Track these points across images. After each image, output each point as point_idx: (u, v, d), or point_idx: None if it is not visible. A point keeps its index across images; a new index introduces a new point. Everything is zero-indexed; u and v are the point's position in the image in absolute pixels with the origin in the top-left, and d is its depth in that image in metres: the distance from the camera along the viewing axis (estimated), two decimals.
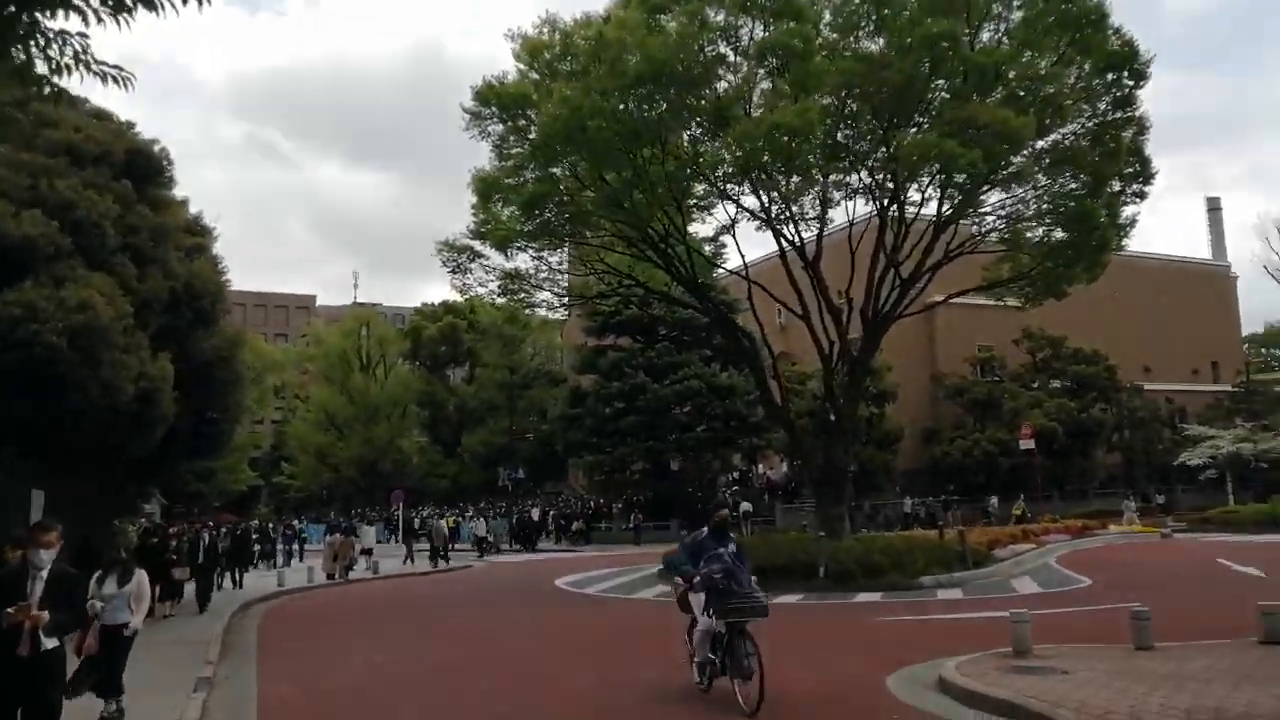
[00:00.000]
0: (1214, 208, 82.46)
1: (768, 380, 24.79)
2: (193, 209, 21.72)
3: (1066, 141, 20.96)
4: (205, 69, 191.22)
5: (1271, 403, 57.68)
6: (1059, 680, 8.77)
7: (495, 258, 24.40)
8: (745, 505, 41.89)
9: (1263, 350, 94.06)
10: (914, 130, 19.73)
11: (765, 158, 19.25)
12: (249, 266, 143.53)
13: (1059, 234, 22.17)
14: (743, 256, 24.06)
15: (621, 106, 19.44)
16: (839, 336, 23.80)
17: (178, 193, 20.61)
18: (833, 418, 24.83)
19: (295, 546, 37.89)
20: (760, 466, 58.25)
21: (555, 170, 21.23)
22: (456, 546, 43.52)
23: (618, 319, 43.41)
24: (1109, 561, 24.01)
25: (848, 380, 24.04)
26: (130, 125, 18.32)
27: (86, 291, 13.72)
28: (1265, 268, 57.65)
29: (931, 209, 22.83)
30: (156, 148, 18.28)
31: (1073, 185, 21.58)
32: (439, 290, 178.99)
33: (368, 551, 29.71)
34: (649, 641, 13.39)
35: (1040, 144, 20.60)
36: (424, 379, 76.79)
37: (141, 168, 17.69)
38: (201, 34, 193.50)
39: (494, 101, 21.18)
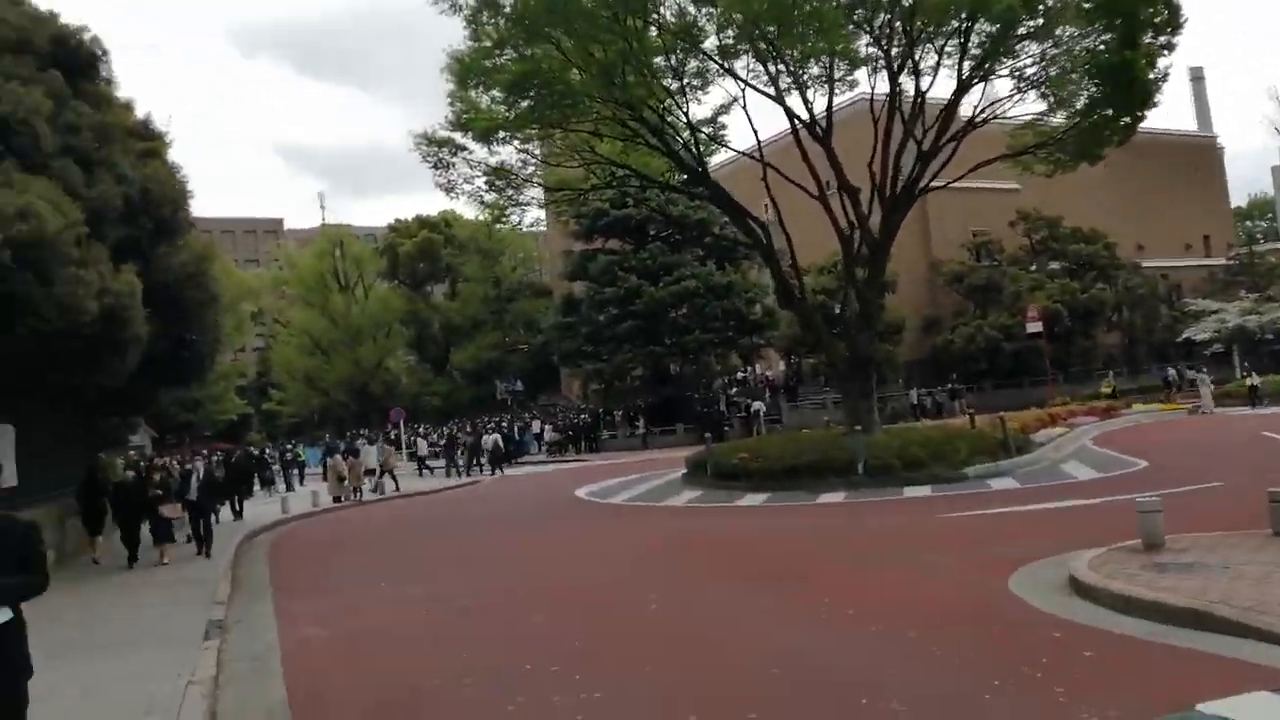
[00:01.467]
0: (1197, 77, 79.96)
1: (782, 270, 23.08)
2: (139, 112, 19.42)
3: None
4: None
5: (1268, 274, 56.68)
6: (1222, 577, 7.43)
7: (478, 151, 22.47)
8: (757, 404, 40.75)
9: (1247, 223, 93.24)
10: None
11: (773, 17, 17.13)
12: (207, 189, 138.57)
13: (1092, 90, 20.29)
14: (755, 132, 22.07)
15: None
16: (857, 218, 22.11)
17: (121, 94, 18.37)
18: (854, 305, 23.34)
19: (295, 471, 36.37)
20: (758, 367, 57.11)
21: (537, 50, 19.10)
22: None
23: (606, 219, 41.47)
24: (1150, 442, 22.92)
25: (869, 264, 22.42)
26: (52, 14, 15.97)
27: (24, 198, 11.80)
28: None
29: (945, 78, 21.05)
30: (87, 36, 15.95)
31: (1104, 36, 19.69)
32: (409, 208, 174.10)
33: (371, 472, 28.36)
34: (714, 552, 12.02)
35: None
36: (405, 297, 74.78)
37: (72, 59, 15.42)
38: None
39: None
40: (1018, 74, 19.43)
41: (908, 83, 20.68)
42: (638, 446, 39.19)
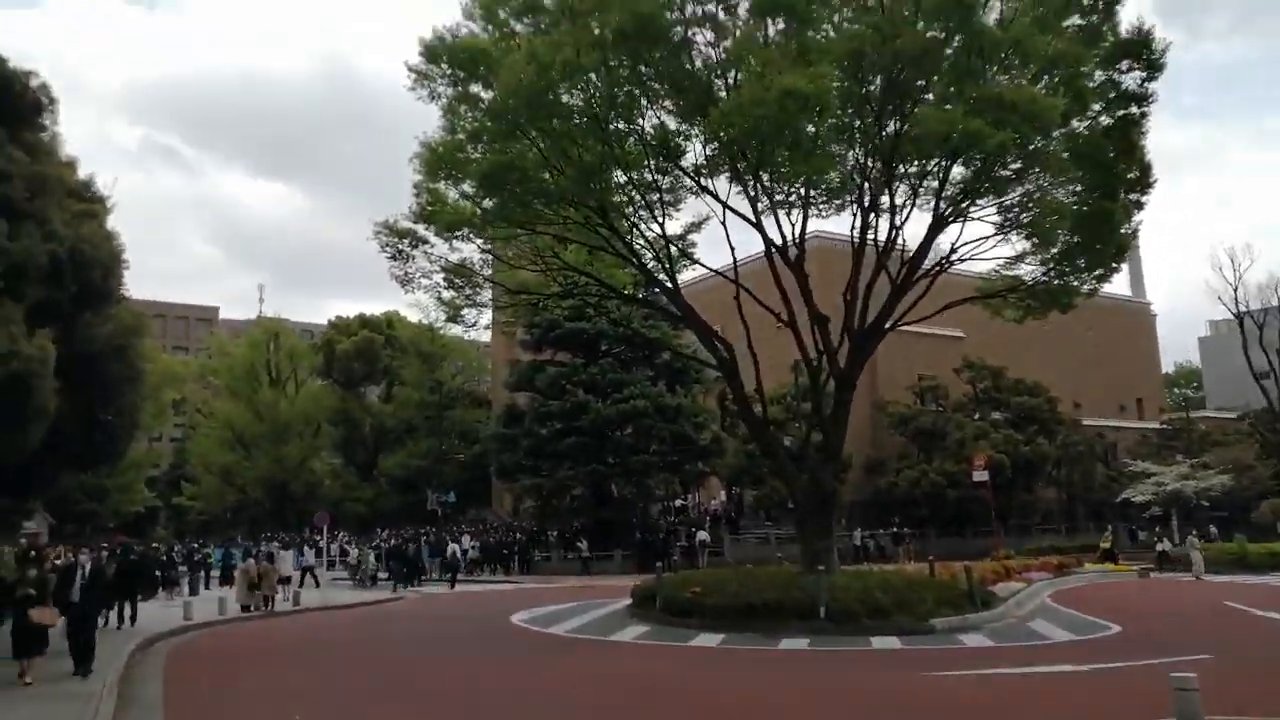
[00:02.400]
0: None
1: (745, 395, 22.24)
2: (82, 173, 18.11)
3: (1084, 133, 19.02)
4: (98, 70, 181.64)
5: (1200, 440, 57.85)
6: None
7: (439, 246, 21.56)
8: (702, 534, 39.31)
9: (1175, 389, 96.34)
10: (917, 110, 17.50)
11: (763, 133, 16.67)
12: (145, 277, 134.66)
13: (1068, 238, 20.22)
14: (733, 250, 21.42)
15: (597, 70, 16.87)
16: (825, 348, 21.50)
17: (66, 152, 17.12)
18: (814, 439, 22.53)
19: (202, 573, 33.43)
20: (698, 495, 55.80)
21: (513, 147, 18.47)
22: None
23: (557, 332, 40.62)
24: (1112, 603, 22.09)
25: (835, 397, 21.69)
26: None
27: None
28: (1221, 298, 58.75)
29: (920, 213, 20.92)
30: (34, 82, 14.77)
31: (1078, 187, 19.77)
32: (349, 308, 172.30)
33: (286, 580, 26.08)
34: (685, 712, 10.56)
35: (1055, 135, 18.58)
36: (338, 396, 72.48)
37: (11, 104, 14.26)
38: (94, 30, 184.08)
39: (445, 59, 18.39)
40: (1005, 211, 19.17)
41: (882, 217, 20.43)
42: (575, 571, 37.29)
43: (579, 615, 20.96)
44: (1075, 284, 20.68)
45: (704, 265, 22.52)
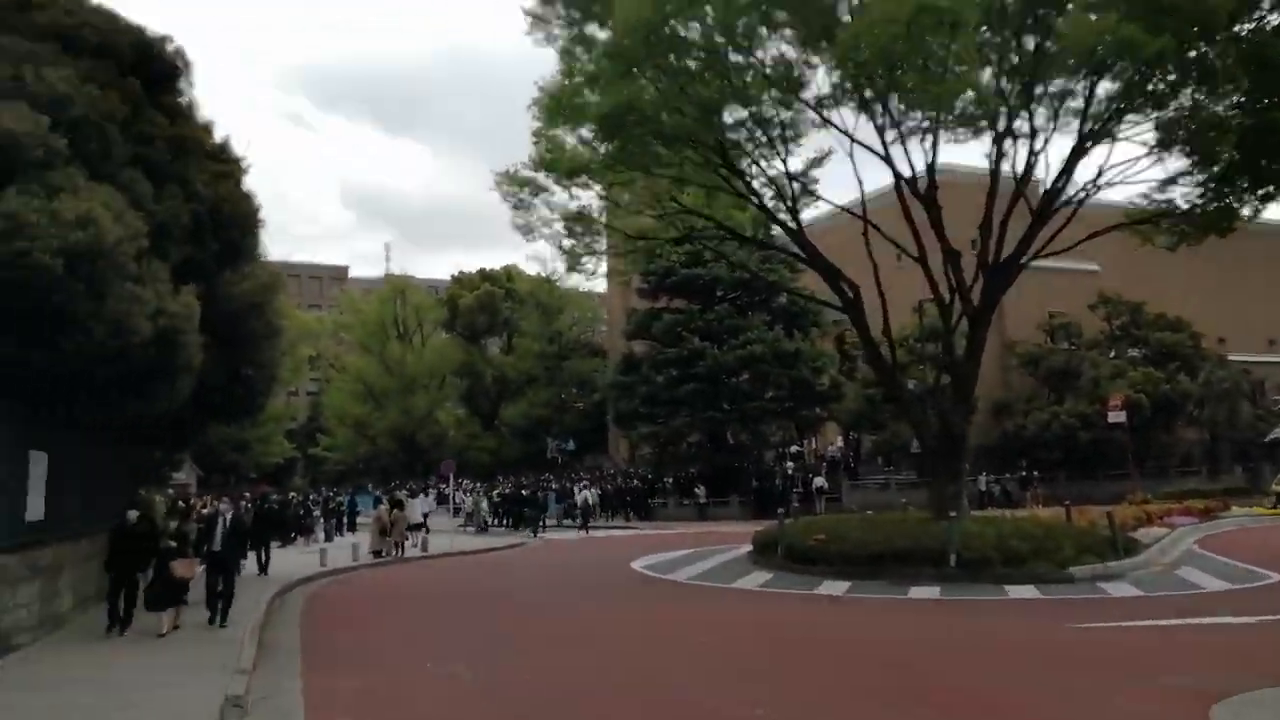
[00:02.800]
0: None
1: (872, 337, 21.63)
2: (217, 136, 18.64)
3: (1249, 35, 17.29)
4: (222, 40, 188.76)
5: None
6: None
7: (559, 195, 21.59)
8: (819, 480, 38.89)
9: None
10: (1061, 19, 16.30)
11: (894, 55, 15.78)
12: (277, 238, 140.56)
13: (1232, 155, 18.52)
14: (861, 185, 20.60)
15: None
16: (958, 285, 20.67)
17: (201, 115, 17.65)
18: (944, 379, 21.83)
19: (334, 521, 34.72)
20: (814, 441, 55.18)
21: (631, 87, 18.16)
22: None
23: (673, 278, 40.45)
24: (1268, 549, 20.74)
25: (968, 336, 20.88)
26: (137, 26, 15.30)
27: (87, 204, 10.87)
28: None
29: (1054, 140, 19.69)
30: (170, 47, 15.20)
31: (1241, 97, 18.02)
32: (471, 263, 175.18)
33: (416, 527, 27.04)
34: (812, 654, 10.42)
35: (1218, 38, 17.00)
36: (461, 349, 74.41)
37: (153, 69, 14.66)
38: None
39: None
40: (1160, 129, 17.74)
41: (1020, 143, 19.31)
42: (691, 517, 37.49)
43: (699, 562, 21.00)
44: (1236, 206, 19.13)
45: (827, 201, 21.72)
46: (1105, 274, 52.42)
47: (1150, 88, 16.00)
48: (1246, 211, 19.74)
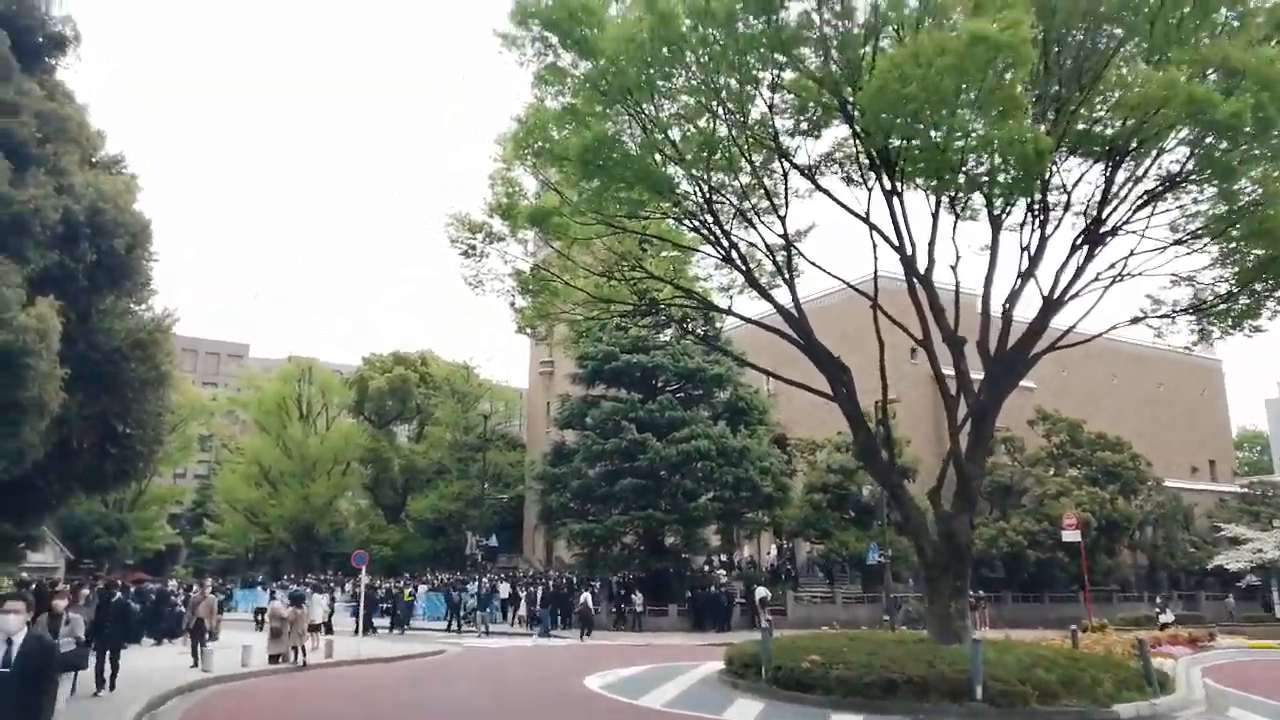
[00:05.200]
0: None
1: (866, 425, 19.09)
2: (111, 147, 15.29)
3: None
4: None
5: None
6: None
7: (513, 249, 18.88)
8: (762, 591, 35.84)
9: (1237, 454, 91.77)
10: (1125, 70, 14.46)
11: (939, 94, 13.63)
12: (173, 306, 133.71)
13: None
14: (876, 257, 18.13)
15: (728, 24, 14.09)
16: (959, 376, 18.39)
17: (92, 121, 14.40)
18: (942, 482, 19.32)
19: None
20: (744, 549, 52.20)
21: (617, 120, 15.74)
22: (414, 624, 36.89)
23: (612, 365, 37.70)
24: None
25: (971, 434, 18.50)
26: None
27: None
28: None
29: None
30: (57, 12, 12.15)
31: None
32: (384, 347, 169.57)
33: (317, 628, 22.94)
34: None
35: None
36: (369, 434, 69.81)
37: (28, 35, 11.61)
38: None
39: (538, 20, 15.69)
40: (1227, 203, 15.85)
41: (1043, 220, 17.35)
42: (626, 627, 33.80)
43: (665, 682, 17.66)
44: (1267, 298, 17.38)
45: (835, 276, 19.22)
46: (1038, 394, 51.85)
47: (1218, 158, 14.05)
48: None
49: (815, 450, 42.62)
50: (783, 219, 17.56)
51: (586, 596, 32.52)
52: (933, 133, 13.82)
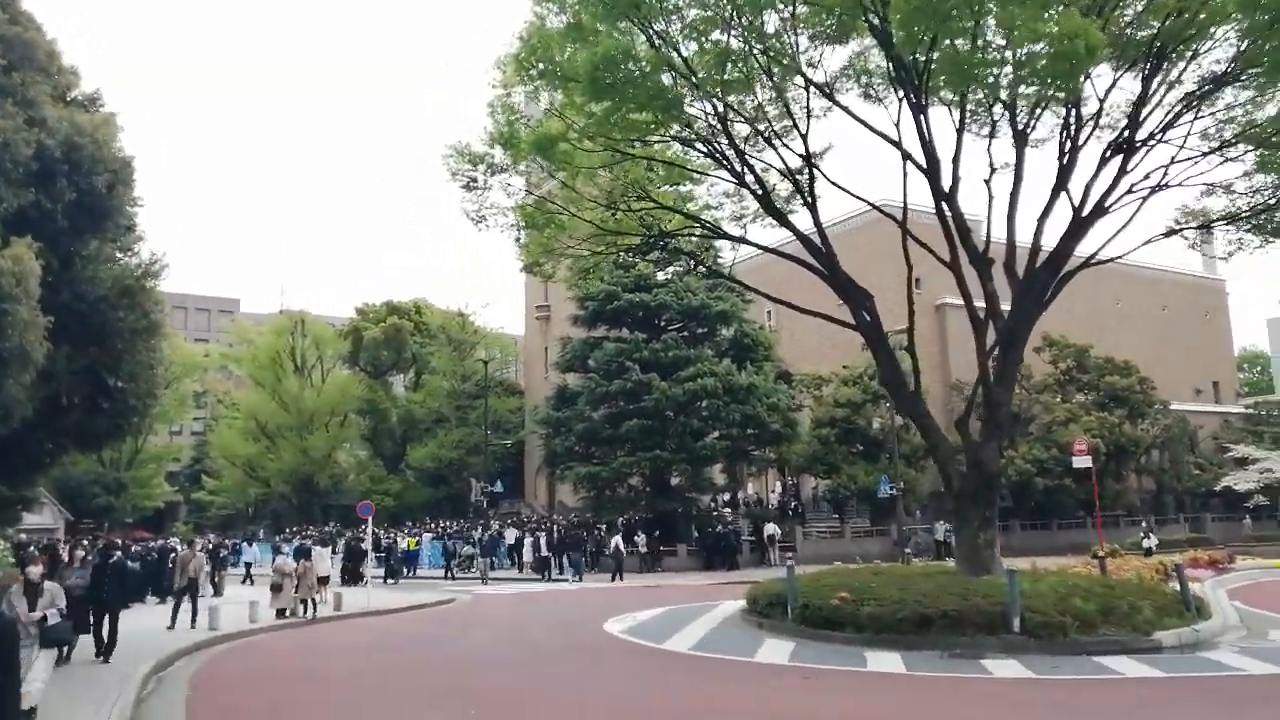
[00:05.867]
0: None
1: (893, 355, 18.37)
2: (86, 85, 14.23)
3: None
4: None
5: None
6: None
7: (516, 182, 18.01)
8: (771, 528, 35.51)
9: (1240, 373, 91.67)
10: None
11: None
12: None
13: None
14: (906, 174, 17.12)
15: None
16: (987, 298, 17.67)
17: (68, 60, 13.34)
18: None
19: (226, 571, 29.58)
20: (751, 487, 51.93)
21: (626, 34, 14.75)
22: (418, 572, 36.61)
23: (615, 304, 36.84)
24: None
25: (1000, 358, 17.83)
26: None
27: None
28: None
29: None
30: None
31: None
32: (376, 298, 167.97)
33: (325, 579, 22.47)
34: None
35: None
36: (365, 385, 69.06)
37: None
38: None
39: None
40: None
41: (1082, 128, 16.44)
42: (636, 569, 33.49)
43: (687, 624, 17.19)
44: None
45: (849, 192, 18.19)
46: (1044, 319, 51.24)
47: (1271, 50, 13.13)
48: None
49: (821, 385, 42.08)
50: (804, 136, 16.57)
51: (618, 539, 32.08)
52: (974, 33, 12.91)
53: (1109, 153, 16.77)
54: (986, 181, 16.34)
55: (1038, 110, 15.96)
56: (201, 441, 78.19)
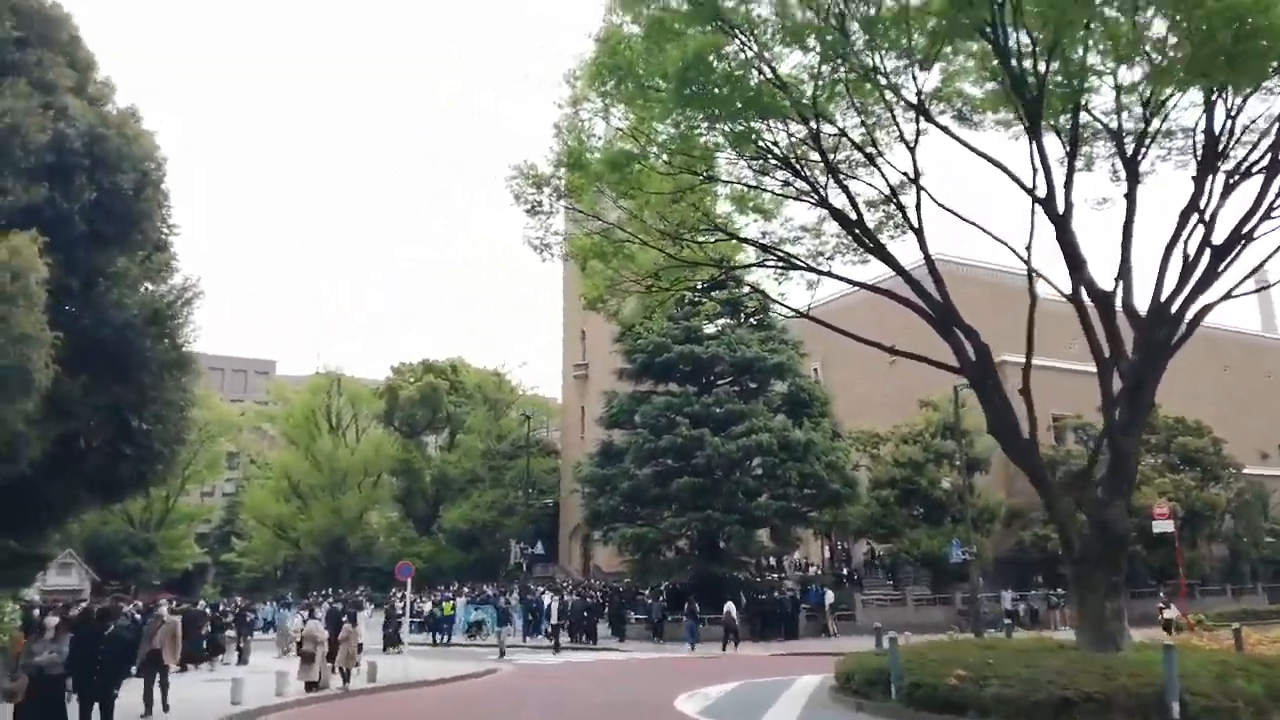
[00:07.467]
0: (1262, 285, 76.82)
1: (1006, 401, 16.39)
2: (120, 102, 12.87)
3: None
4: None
5: None
6: None
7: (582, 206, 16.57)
8: (829, 594, 33.19)
9: None
10: None
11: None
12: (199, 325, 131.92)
13: None
14: (1034, 199, 15.30)
15: None
16: (1109, 337, 15.77)
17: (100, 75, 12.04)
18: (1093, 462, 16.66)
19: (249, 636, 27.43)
20: (797, 552, 49.47)
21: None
22: (452, 639, 34.60)
23: (664, 357, 35.14)
24: None
25: (1127, 405, 15.84)
26: None
27: None
28: None
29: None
30: None
31: None
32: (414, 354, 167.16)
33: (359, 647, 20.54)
34: None
35: None
36: (399, 445, 67.66)
37: None
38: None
39: None
40: None
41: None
42: (679, 637, 31.14)
43: (770, 704, 15.10)
44: None
45: (958, 215, 16.33)
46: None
47: None
48: None
49: (879, 443, 39.92)
50: (912, 149, 14.92)
51: (730, 606, 30.21)
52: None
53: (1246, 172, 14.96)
54: (1128, 196, 14.54)
55: (1154, 121, 14.24)
56: (232, 502, 77.12)
